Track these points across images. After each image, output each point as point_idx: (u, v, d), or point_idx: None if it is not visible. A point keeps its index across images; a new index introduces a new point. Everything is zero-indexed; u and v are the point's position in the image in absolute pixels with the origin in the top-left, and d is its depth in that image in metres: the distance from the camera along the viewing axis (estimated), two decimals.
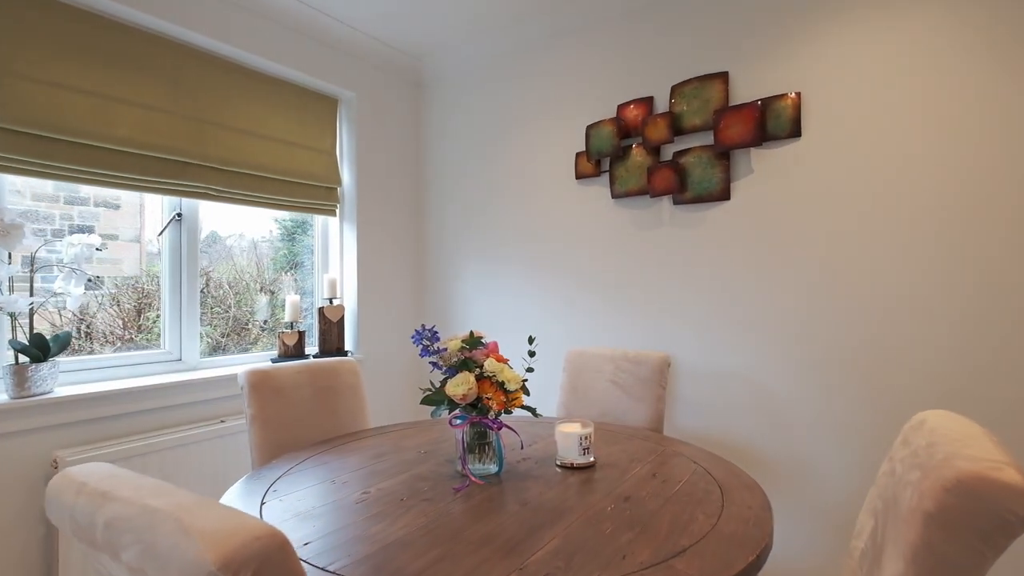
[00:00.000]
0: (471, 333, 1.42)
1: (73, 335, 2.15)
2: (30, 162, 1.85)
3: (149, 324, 2.34)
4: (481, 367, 1.37)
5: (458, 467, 1.38)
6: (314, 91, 2.83)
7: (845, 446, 2.03)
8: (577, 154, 2.68)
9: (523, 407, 1.39)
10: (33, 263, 1.89)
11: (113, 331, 2.26)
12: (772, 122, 2.14)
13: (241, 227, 2.77)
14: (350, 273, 2.99)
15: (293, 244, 3.01)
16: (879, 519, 0.99)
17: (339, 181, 2.94)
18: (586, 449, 1.42)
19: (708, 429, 2.32)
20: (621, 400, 2.05)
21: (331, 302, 2.78)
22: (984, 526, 0.70)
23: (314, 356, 2.70)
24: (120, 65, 2.08)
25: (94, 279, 2.19)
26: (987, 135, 1.80)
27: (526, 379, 1.41)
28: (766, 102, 2.15)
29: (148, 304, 2.35)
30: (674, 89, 2.36)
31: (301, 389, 1.87)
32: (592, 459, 1.43)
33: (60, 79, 1.92)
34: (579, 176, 2.68)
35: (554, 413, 2.52)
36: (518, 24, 2.82)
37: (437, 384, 1.40)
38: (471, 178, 3.12)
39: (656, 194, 2.40)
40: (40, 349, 1.82)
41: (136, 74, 2.13)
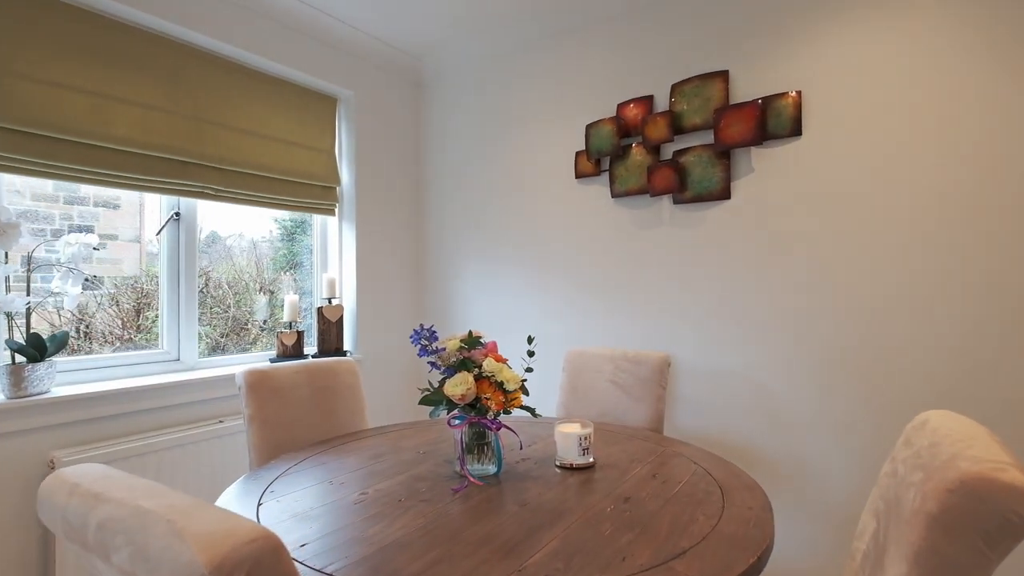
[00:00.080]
0: (470, 333, 1.41)
1: (72, 335, 2.14)
2: (28, 161, 1.85)
3: (148, 324, 2.34)
4: (480, 367, 1.36)
5: (457, 468, 1.37)
6: (313, 90, 2.82)
7: (845, 446, 2.02)
8: (577, 153, 2.67)
9: (522, 407, 1.38)
10: (30, 263, 1.88)
11: (112, 331, 2.25)
12: (772, 121, 2.13)
13: (241, 227, 2.76)
14: (349, 273, 2.98)
15: (293, 244, 3.00)
16: (881, 520, 0.98)
17: (338, 180, 2.94)
18: (586, 450, 1.41)
19: (708, 429, 2.32)
20: (621, 400, 2.04)
21: (330, 302, 2.77)
22: (988, 528, 0.69)
23: (313, 356, 2.69)
24: (119, 64, 2.07)
25: (92, 279, 2.18)
26: (988, 134, 1.79)
27: (525, 379, 1.40)
28: (767, 101, 2.14)
29: (147, 304, 2.34)
30: (674, 88, 2.35)
31: (299, 389, 1.86)
32: (592, 460, 1.42)
33: (59, 78, 1.91)
34: (579, 175, 2.67)
35: (554, 413, 2.51)
36: (518, 23, 2.81)
37: (436, 384, 1.40)
38: (471, 177, 3.11)
39: (656, 193, 2.39)
40: (37, 349, 1.81)
41: (135, 73, 2.12)
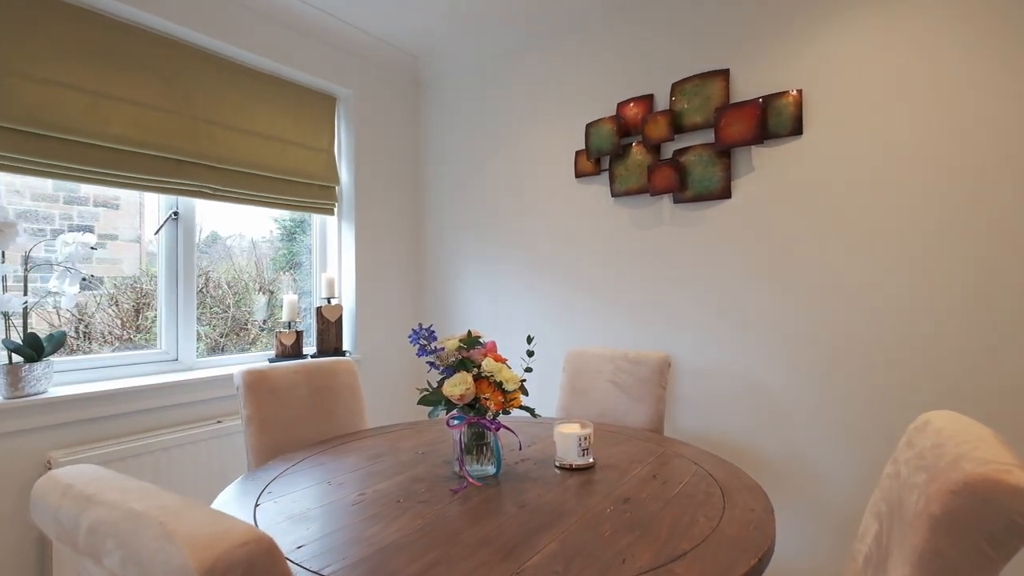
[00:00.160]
0: (468, 332, 1.40)
1: (71, 335, 2.13)
2: (26, 160, 1.84)
3: (148, 324, 2.33)
4: (479, 367, 1.35)
5: (455, 468, 1.36)
6: (312, 89, 2.81)
7: (846, 446, 2.01)
8: (577, 152, 2.66)
9: (521, 407, 1.37)
10: (27, 262, 1.87)
11: (112, 331, 2.24)
12: (773, 120, 2.12)
13: (241, 227, 2.75)
14: (348, 272, 2.97)
15: (292, 244, 2.99)
16: (883, 522, 0.97)
17: (337, 180, 2.93)
18: (585, 450, 1.40)
19: (708, 429, 2.31)
20: (621, 400, 2.03)
21: (329, 302, 2.76)
22: (993, 530, 0.68)
23: (312, 356, 2.68)
24: (114, 62, 2.06)
25: (90, 278, 2.17)
26: (988, 134, 1.78)
27: (524, 379, 1.39)
28: (767, 100, 2.13)
29: (147, 304, 2.33)
30: (674, 87, 2.34)
31: (297, 389, 1.85)
32: (591, 460, 1.41)
33: (54, 76, 1.90)
34: (579, 175, 2.66)
35: (553, 414, 2.50)
36: (517, 22, 2.80)
37: (435, 384, 1.39)
38: (470, 177, 3.10)
39: (656, 193, 2.38)
40: (34, 349, 1.80)
41: (132, 72, 2.11)
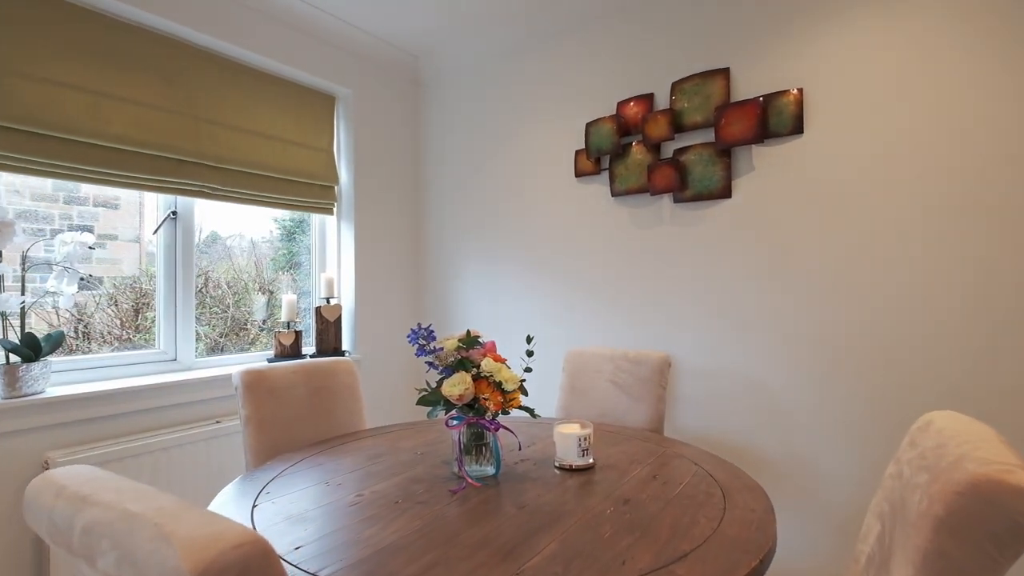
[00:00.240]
0: (468, 332, 1.40)
1: (71, 335, 2.13)
2: (25, 159, 1.83)
3: (147, 324, 2.32)
4: (478, 367, 1.34)
5: (455, 469, 1.36)
6: (312, 89, 2.80)
7: (847, 445, 2.00)
8: (577, 152, 2.66)
9: (521, 407, 1.36)
10: (25, 262, 1.87)
11: (111, 331, 2.23)
12: (774, 119, 2.12)
13: (241, 227, 2.74)
14: (347, 272, 2.96)
15: (292, 244, 2.99)
16: (886, 523, 0.97)
17: (337, 180, 2.92)
18: (585, 450, 1.39)
19: (709, 430, 2.30)
20: (621, 400, 2.03)
21: (328, 301, 2.76)
22: (997, 531, 0.67)
23: (311, 356, 2.68)
24: (115, 62, 2.06)
25: (88, 278, 2.16)
26: (989, 133, 1.77)
27: (524, 379, 1.38)
28: (768, 99, 2.12)
29: (146, 304, 2.32)
30: (675, 86, 2.34)
31: (296, 389, 1.85)
32: (591, 461, 1.41)
33: (55, 76, 1.90)
34: (579, 174, 2.65)
35: (553, 414, 2.49)
36: (517, 21, 2.79)
37: (434, 384, 1.38)
38: (470, 176, 3.09)
39: (656, 192, 2.37)
40: (31, 349, 1.79)
41: (130, 71, 2.10)
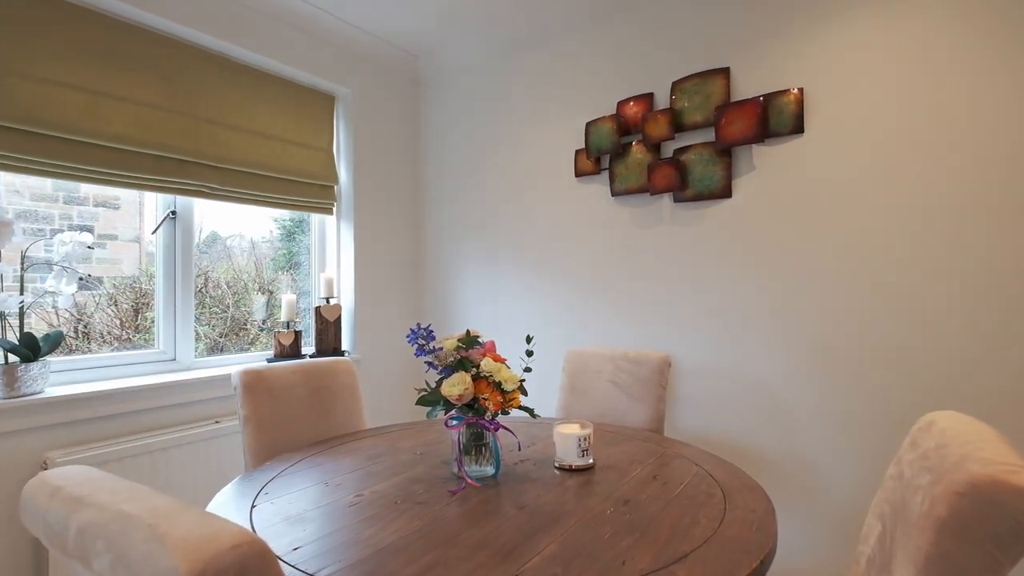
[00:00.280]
0: (467, 332, 1.39)
1: (70, 335, 2.12)
2: (25, 159, 1.82)
3: (147, 324, 2.32)
4: (478, 367, 1.34)
5: (454, 469, 1.35)
6: (311, 88, 2.80)
7: (847, 446, 2.00)
8: (576, 151, 2.65)
9: (521, 408, 1.36)
10: (23, 261, 1.86)
11: (111, 331, 2.23)
12: (774, 118, 2.11)
13: (241, 227, 2.74)
14: (347, 272, 2.96)
15: (291, 243, 2.98)
16: (887, 524, 0.96)
17: (336, 179, 2.92)
18: (585, 451, 1.39)
19: (709, 430, 2.29)
20: (621, 401, 2.02)
21: (328, 301, 2.75)
22: (1000, 532, 0.67)
23: (311, 356, 2.67)
24: (115, 62, 2.05)
25: (86, 278, 2.16)
26: (990, 133, 1.77)
27: (524, 379, 1.38)
28: (768, 98, 2.12)
29: (146, 304, 2.32)
30: (675, 85, 2.33)
31: (295, 389, 1.84)
32: (591, 461, 1.40)
33: (55, 76, 1.89)
34: (579, 174, 2.65)
35: (553, 414, 2.48)
36: (517, 20, 2.79)
37: (433, 384, 1.37)
38: (470, 175, 3.09)
39: (656, 192, 2.37)
40: (30, 349, 1.79)
41: (130, 71, 2.10)
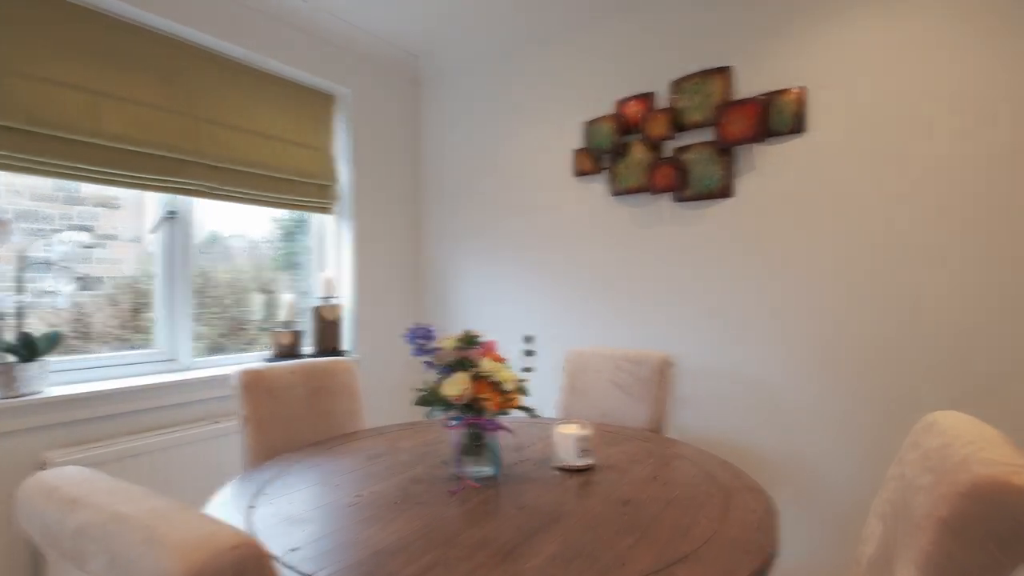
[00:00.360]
0: (466, 332, 1.39)
1: (69, 335, 2.11)
2: (25, 159, 1.82)
3: (147, 324, 2.31)
4: (477, 367, 1.33)
5: (454, 469, 1.35)
6: (311, 88, 2.79)
7: (848, 446, 1.99)
8: (576, 151, 2.65)
9: (520, 408, 1.35)
10: (22, 261, 1.85)
11: (111, 331, 2.22)
12: (775, 118, 2.11)
13: (240, 227, 2.73)
14: (347, 272, 2.95)
15: (291, 243, 2.98)
16: (888, 524, 0.96)
17: (336, 179, 2.91)
18: (585, 451, 1.38)
19: (709, 430, 2.29)
20: (621, 401, 2.02)
21: (327, 301, 2.75)
22: (1002, 533, 0.66)
23: (310, 356, 2.67)
24: (115, 62, 2.05)
25: (87, 278, 2.15)
26: (991, 132, 1.76)
27: (524, 379, 1.37)
28: (769, 97, 2.11)
29: (146, 304, 2.31)
30: (675, 84, 2.33)
31: (295, 389, 1.84)
32: (591, 461, 1.40)
33: (55, 76, 1.89)
34: (578, 173, 2.64)
35: (553, 414, 2.48)
36: (516, 19, 2.78)
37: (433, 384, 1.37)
38: (469, 175, 3.08)
39: (656, 191, 2.36)
40: (28, 348, 1.79)
41: (131, 71, 2.09)
